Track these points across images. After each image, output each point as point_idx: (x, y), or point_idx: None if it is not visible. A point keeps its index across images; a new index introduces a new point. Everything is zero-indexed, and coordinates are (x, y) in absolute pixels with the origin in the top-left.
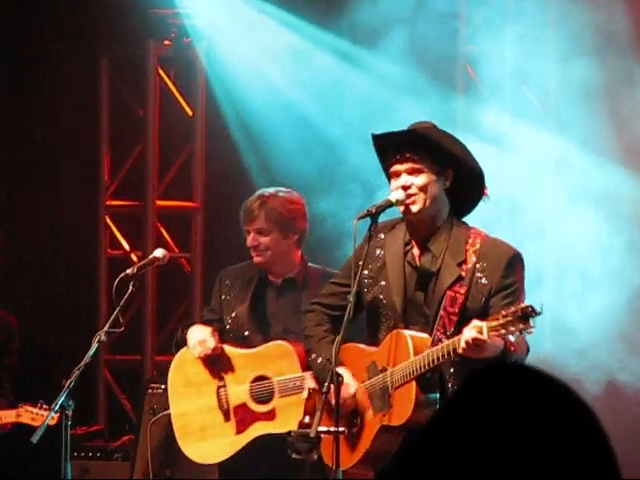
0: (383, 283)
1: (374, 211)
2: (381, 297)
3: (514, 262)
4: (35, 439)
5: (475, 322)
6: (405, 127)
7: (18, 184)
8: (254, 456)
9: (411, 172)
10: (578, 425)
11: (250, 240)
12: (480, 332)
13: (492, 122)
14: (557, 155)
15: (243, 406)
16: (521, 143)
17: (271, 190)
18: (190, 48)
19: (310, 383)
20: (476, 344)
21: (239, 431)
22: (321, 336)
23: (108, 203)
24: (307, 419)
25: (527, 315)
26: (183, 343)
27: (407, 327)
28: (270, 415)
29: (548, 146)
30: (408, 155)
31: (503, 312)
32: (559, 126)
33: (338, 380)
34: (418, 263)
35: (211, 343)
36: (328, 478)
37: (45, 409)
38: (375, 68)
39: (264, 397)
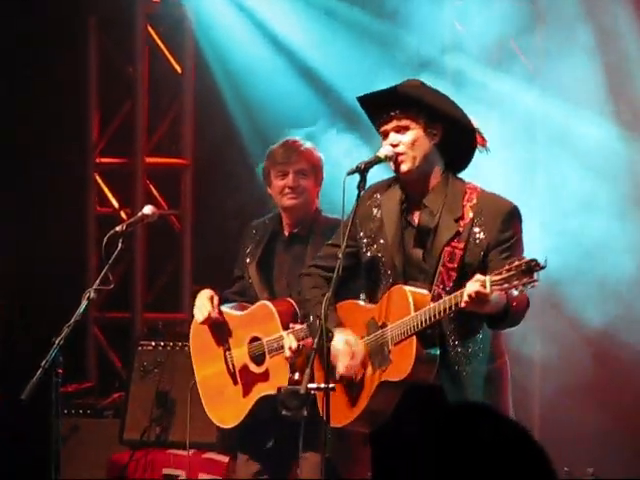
0: (382, 242)
1: (363, 167)
2: (380, 255)
3: (511, 216)
4: (25, 396)
5: (478, 276)
6: (396, 80)
7: (7, 142)
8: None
9: (398, 130)
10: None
11: (291, 180)
12: (483, 286)
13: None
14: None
15: (245, 368)
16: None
17: (295, 137)
18: (178, 5)
19: (290, 342)
20: (479, 298)
21: (245, 394)
22: (318, 300)
23: (97, 160)
24: (297, 376)
25: (531, 269)
26: None
27: (406, 284)
28: (265, 376)
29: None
30: (393, 114)
31: (507, 266)
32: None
33: (328, 336)
34: (415, 220)
35: (206, 309)
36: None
37: None
38: (361, 22)
39: (259, 358)
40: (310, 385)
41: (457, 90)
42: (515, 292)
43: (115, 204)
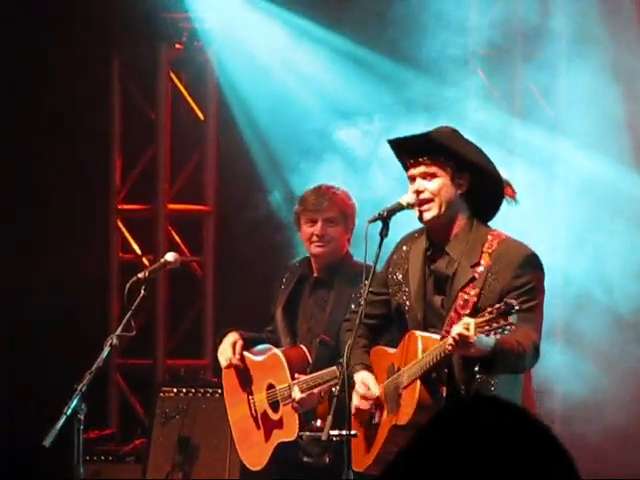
0: (406, 289)
1: (385, 214)
2: (405, 302)
3: (527, 262)
4: (47, 442)
5: (465, 319)
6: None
7: (31, 188)
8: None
9: (425, 176)
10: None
11: (319, 229)
12: (467, 329)
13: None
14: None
15: (265, 414)
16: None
17: (330, 184)
18: (201, 52)
19: (294, 393)
20: (462, 341)
21: (266, 439)
22: (355, 341)
23: (120, 207)
24: (319, 422)
25: (506, 311)
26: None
27: (426, 330)
28: (281, 423)
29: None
30: (421, 159)
31: (489, 309)
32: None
33: (349, 383)
34: (436, 267)
35: (227, 355)
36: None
37: None
38: (380, 68)
39: (275, 405)
40: (332, 432)
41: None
42: (494, 335)
43: (137, 250)
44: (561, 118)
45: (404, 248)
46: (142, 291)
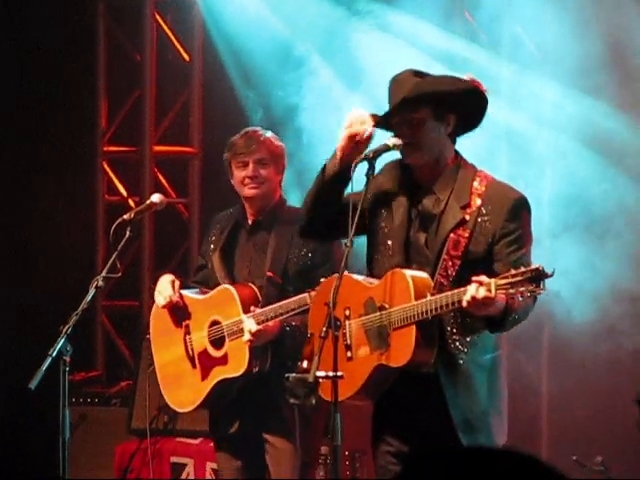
0: (385, 213)
1: (371, 155)
2: (383, 225)
3: (519, 206)
4: (33, 385)
5: (484, 279)
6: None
7: (16, 131)
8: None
9: (409, 123)
10: None
11: (251, 171)
12: (489, 290)
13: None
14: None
15: (205, 352)
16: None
17: (256, 128)
18: None
19: (249, 325)
20: (484, 302)
21: (203, 377)
22: None
23: (105, 149)
24: (305, 364)
25: (538, 276)
26: None
27: (406, 264)
28: (224, 359)
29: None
30: (405, 114)
31: (513, 271)
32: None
33: (336, 325)
34: (422, 204)
35: (167, 292)
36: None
37: None
38: (373, 13)
39: (218, 342)
40: (318, 373)
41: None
42: (520, 298)
43: (123, 192)
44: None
45: (394, 173)
46: (128, 232)
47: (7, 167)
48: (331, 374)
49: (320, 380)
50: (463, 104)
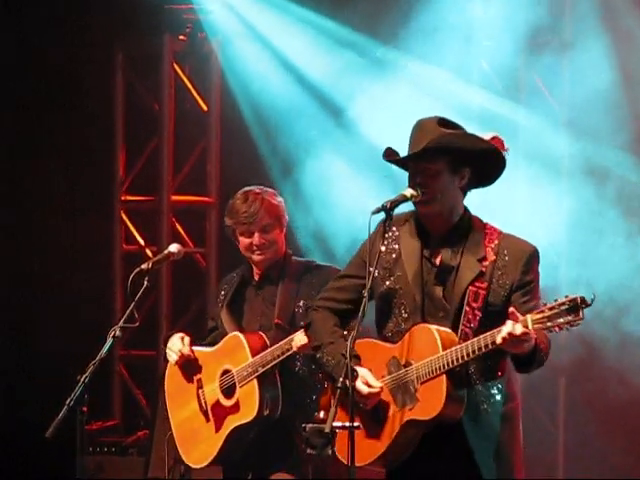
0: (399, 274)
1: (388, 206)
2: (397, 287)
3: (533, 259)
4: (50, 434)
5: (518, 316)
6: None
7: (35, 178)
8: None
9: (426, 173)
10: None
11: (257, 239)
12: (526, 326)
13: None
14: None
15: (217, 403)
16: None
17: (254, 187)
18: (205, 43)
19: (300, 339)
20: (521, 338)
21: (217, 429)
22: (331, 331)
23: (123, 198)
24: (322, 414)
25: (577, 306)
26: None
27: (425, 320)
28: (236, 407)
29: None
30: (423, 165)
31: (549, 304)
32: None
33: (353, 375)
34: (437, 258)
35: (176, 346)
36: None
37: None
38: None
39: (229, 390)
40: (335, 424)
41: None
42: (557, 331)
43: (141, 242)
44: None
45: (394, 229)
46: (145, 282)
47: (27, 215)
48: (347, 424)
49: (337, 431)
50: (480, 162)
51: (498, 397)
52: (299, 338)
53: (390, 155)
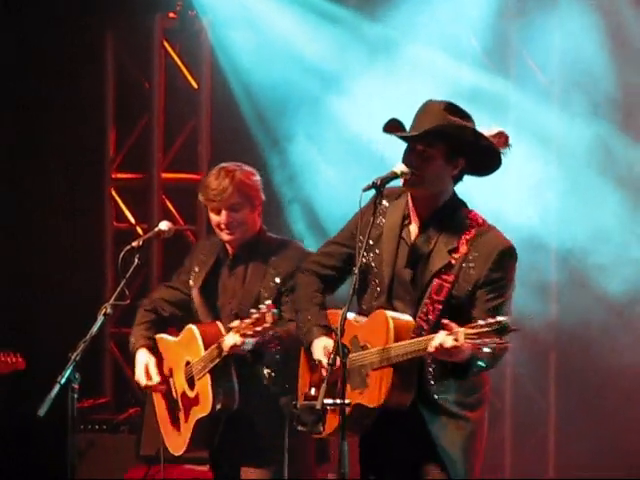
0: (377, 251)
1: (379, 183)
2: (373, 264)
3: (504, 256)
4: (42, 412)
5: (454, 326)
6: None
7: (25, 157)
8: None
9: (421, 155)
10: None
11: (224, 218)
12: (457, 339)
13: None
14: None
15: (184, 394)
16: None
17: (231, 164)
18: (195, 21)
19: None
20: (450, 351)
21: (186, 419)
22: (310, 297)
23: (114, 176)
24: (313, 391)
25: (503, 330)
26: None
27: (392, 301)
28: (197, 399)
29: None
30: (420, 147)
31: (481, 322)
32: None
33: (344, 352)
34: (412, 240)
35: (142, 381)
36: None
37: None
38: (380, 38)
39: (191, 382)
40: (326, 401)
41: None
42: (486, 349)
43: (131, 219)
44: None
45: (385, 203)
46: (136, 260)
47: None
48: (338, 401)
49: (328, 408)
50: (477, 155)
51: (463, 387)
52: (228, 341)
53: (391, 128)
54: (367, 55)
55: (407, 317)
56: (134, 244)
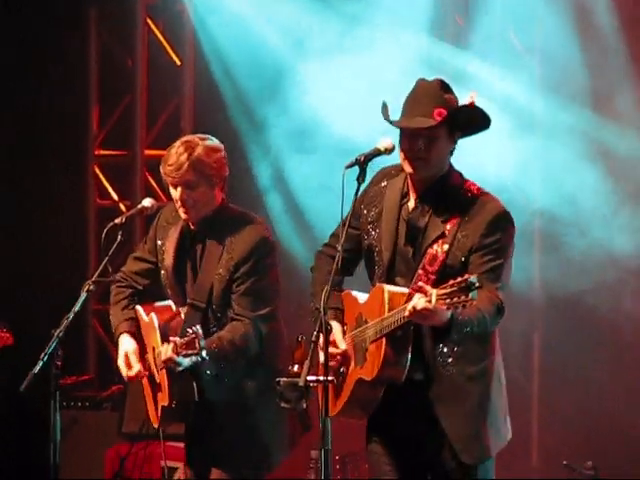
0: (378, 231)
1: (362, 159)
2: (374, 244)
3: (498, 221)
4: (23, 388)
5: (428, 289)
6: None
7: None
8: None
9: (424, 138)
10: None
11: (179, 194)
12: (429, 301)
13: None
14: None
15: (153, 375)
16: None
17: (194, 138)
18: (177, 0)
19: (165, 352)
20: (422, 313)
21: (154, 398)
22: (323, 280)
23: (97, 153)
24: (296, 368)
25: (467, 287)
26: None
27: (394, 278)
28: (161, 387)
29: None
30: (425, 131)
31: (451, 281)
32: None
33: (327, 329)
34: (410, 218)
35: (124, 372)
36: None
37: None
38: (361, 18)
39: (156, 369)
40: (309, 377)
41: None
42: (459, 308)
43: (114, 196)
44: None
45: (382, 184)
46: (119, 237)
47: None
48: (321, 378)
49: (311, 384)
50: (472, 128)
51: (466, 357)
52: (163, 352)
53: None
54: (348, 32)
55: (403, 289)
56: (117, 221)
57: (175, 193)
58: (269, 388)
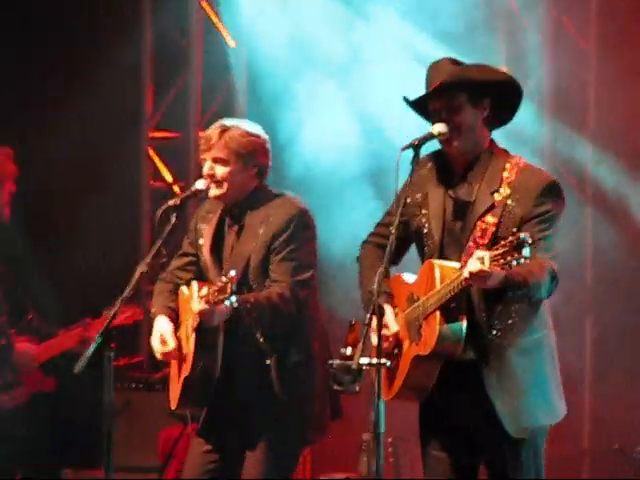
0: (425, 212)
1: (417, 143)
2: (423, 225)
3: (547, 191)
4: (78, 369)
5: (479, 252)
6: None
7: (62, 118)
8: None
9: (449, 109)
10: None
11: (207, 169)
12: (482, 262)
13: None
14: None
15: (181, 348)
16: None
17: (233, 120)
18: None
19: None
20: (479, 275)
21: (179, 376)
22: (369, 267)
23: (151, 135)
24: (349, 351)
25: (521, 244)
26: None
27: (445, 257)
28: (186, 358)
29: None
30: (444, 100)
31: (502, 242)
32: None
33: (380, 312)
34: (455, 193)
35: (158, 351)
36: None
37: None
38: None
39: (186, 340)
40: (362, 360)
41: None
42: (513, 264)
43: (169, 178)
44: None
45: (425, 168)
46: (173, 219)
47: (55, 155)
48: (375, 361)
49: (364, 367)
50: (498, 92)
51: (516, 329)
52: (194, 308)
53: (409, 101)
54: (354, 26)
55: (454, 263)
56: (171, 203)
57: (205, 168)
58: (301, 364)
